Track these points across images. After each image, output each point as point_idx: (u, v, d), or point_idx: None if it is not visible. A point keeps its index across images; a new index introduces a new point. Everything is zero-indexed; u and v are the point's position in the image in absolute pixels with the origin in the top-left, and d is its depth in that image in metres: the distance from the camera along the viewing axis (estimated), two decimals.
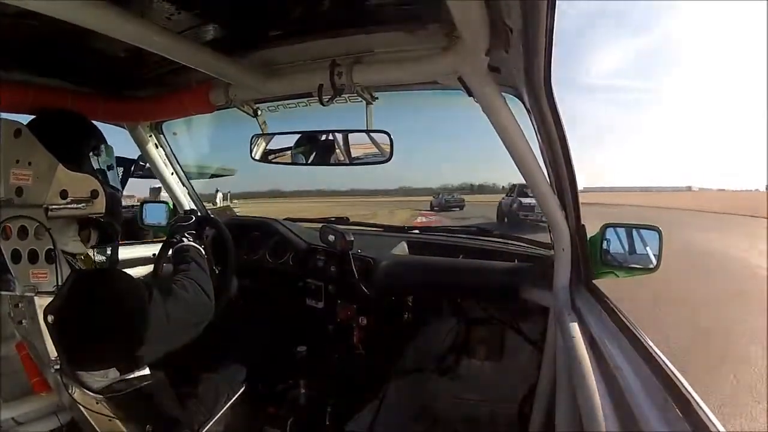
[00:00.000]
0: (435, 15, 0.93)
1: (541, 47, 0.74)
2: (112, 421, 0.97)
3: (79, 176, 0.95)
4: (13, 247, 0.87)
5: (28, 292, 0.89)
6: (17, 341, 1.07)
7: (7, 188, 0.86)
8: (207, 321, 1.11)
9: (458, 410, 1.72)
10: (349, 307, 1.43)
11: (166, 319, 0.99)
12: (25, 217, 0.88)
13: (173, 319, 1.01)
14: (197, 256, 1.26)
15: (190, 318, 1.08)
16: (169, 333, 1.02)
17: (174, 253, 1.29)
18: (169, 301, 1.01)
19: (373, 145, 1.29)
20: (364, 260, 1.41)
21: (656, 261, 1.18)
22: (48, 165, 0.90)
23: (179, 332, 1.04)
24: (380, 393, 1.55)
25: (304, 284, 1.53)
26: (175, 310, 1.02)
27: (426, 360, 1.74)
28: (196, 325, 1.08)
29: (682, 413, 0.55)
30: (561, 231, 1.18)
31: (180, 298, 1.05)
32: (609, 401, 0.71)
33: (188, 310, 1.07)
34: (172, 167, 1.79)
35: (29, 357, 1.01)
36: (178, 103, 1.41)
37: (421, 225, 9.67)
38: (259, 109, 1.37)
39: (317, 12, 1.00)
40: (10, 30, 0.95)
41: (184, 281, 1.11)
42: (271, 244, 1.68)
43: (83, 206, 0.96)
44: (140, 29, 0.88)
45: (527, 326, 1.55)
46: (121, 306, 0.93)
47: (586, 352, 0.89)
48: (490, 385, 1.70)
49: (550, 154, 1.10)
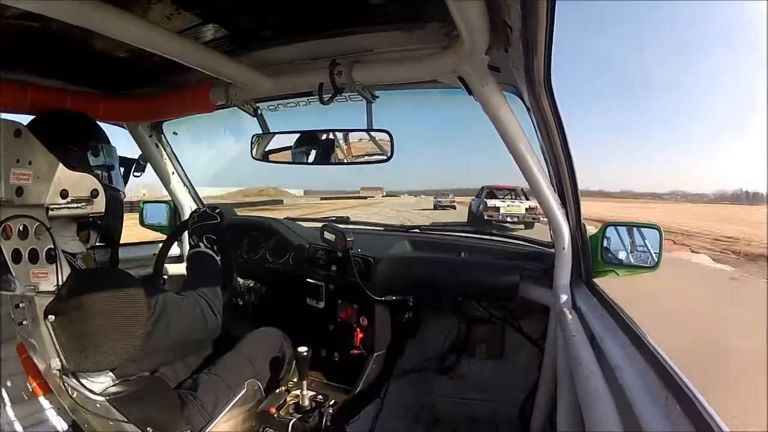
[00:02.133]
0: (435, 14, 0.93)
1: (541, 46, 0.74)
2: (113, 423, 0.97)
3: (79, 176, 0.95)
4: (14, 246, 0.87)
5: (29, 292, 0.88)
6: (18, 343, 1.07)
7: (8, 188, 0.86)
8: (213, 338, 1.11)
9: (459, 410, 1.72)
10: (349, 306, 1.43)
11: (167, 331, 0.99)
12: (26, 217, 0.88)
13: (175, 335, 1.01)
14: (213, 266, 1.22)
15: (194, 335, 1.07)
16: (168, 346, 1.02)
17: (190, 256, 1.26)
18: (174, 319, 1.01)
19: (373, 144, 1.29)
20: (364, 260, 1.41)
21: (657, 259, 1.18)
22: (48, 165, 0.90)
23: (180, 348, 1.04)
24: (380, 393, 1.55)
25: (305, 284, 1.52)
26: (179, 324, 1.02)
27: (426, 360, 1.74)
28: (200, 341, 1.08)
29: (684, 411, 0.55)
30: (561, 229, 1.18)
31: (185, 317, 1.04)
32: (610, 400, 0.70)
33: (194, 328, 1.06)
34: (172, 166, 1.79)
35: (30, 359, 1.01)
36: (179, 102, 1.41)
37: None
38: (260, 109, 1.37)
39: (317, 11, 1.00)
40: (10, 30, 0.95)
41: (196, 298, 1.09)
42: (272, 244, 1.68)
43: (83, 206, 0.96)
44: (140, 29, 0.88)
45: (528, 325, 1.55)
46: (122, 306, 0.92)
47: (586, 350, 0.89)
48: (491, 384, 1.70)
49: (551, 153, 1.10)
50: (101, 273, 1.09)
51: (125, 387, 0.97)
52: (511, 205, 12.65)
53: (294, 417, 1.26)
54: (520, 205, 12.56)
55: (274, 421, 1.25)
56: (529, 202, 12.33)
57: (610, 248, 1.21)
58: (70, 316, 0.89)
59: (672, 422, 0.56)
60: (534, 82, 0.89)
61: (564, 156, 1.08)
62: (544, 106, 0.96)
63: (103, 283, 0.96)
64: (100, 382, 0.95)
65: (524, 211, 12.35)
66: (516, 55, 0.85)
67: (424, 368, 1.74)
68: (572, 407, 0.98)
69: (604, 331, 0.90)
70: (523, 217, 12.30)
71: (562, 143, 1.05)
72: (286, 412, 1.30)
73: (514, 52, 0.85)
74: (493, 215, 12.34)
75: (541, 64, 0.81)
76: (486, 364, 1.72)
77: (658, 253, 1.18)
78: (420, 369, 1.74)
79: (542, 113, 0.99)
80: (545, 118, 1.00)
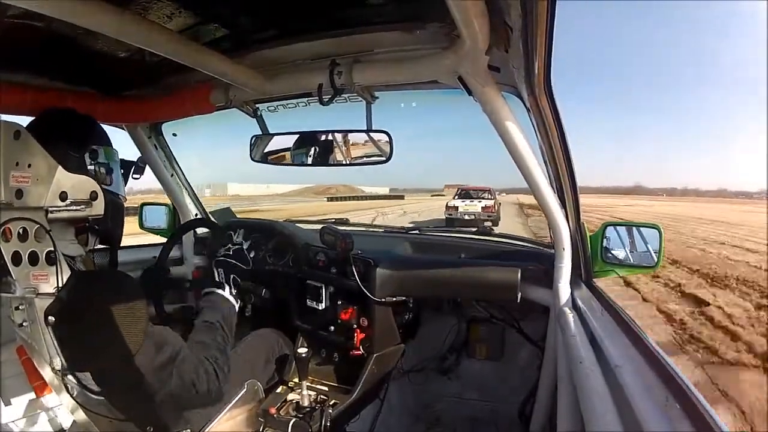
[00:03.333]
0: (435, 15, 0.93)
1: (541, 46, 0.74)
2: (113, 422, 0.97)
3: (79, 178, 0.95)
4: (14, 249, 0.87)
5: (29, 294, 0.88)
6: (18, 345, 1.07)
7: (7, 191, 0.86)
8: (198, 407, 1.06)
9: (459, 410, 1.72)
10: (349, 307, 1.43)
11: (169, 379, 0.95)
12: (26, 219, 0.88)
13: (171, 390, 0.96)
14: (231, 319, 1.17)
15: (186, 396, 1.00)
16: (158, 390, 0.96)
17: (210, 296, 1.22)
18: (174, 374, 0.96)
19: (372, 145, 1.29)
20: (364, 261, 1.41)
21: (656, 258, 1.18)
22: (47, 167, 0.90)
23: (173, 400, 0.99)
24: (380, 393, 1.55)
25: (305, 285, 1.52)
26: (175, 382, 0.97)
27: (426, 360, 1.74)
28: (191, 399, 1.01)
29: (684, 411, 0.55)
30: (561, 229, 1.18)
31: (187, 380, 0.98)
32: (610, 400, 0.71)
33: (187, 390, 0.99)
34: (171, 168, 1.79)
35: (30, 361, 1.01)
36: (178, 103, 1.41)
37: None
38: (259, 110, 1.37)
39: (317, 12, 1.00)
40: (10, 31, 0.95)
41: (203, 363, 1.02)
42: (271, 246, 1.68)
43: (82, 208, 0.96)
44: (140, 29, 0.88)
45: (528, 325, 1.55)
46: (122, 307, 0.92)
47: (587, 350, 0.89)
48: (491, 384, 1.70)
49: (550, 153, 1.11)
50: (101, 275, 1.09)
51: (125, 387, 0.97)
52: (468, 205, 14.35)
53: (294, 417, 1.26)
54: (477, 204, 14.28)
55: (274, 421, 1.25)
56: (486, 201, 14.34)
57: (610, 248, 1.21)
58: (69, 317, 0.89)
59: (672, 422, 0.56)
60: (534, 83, 0.89)
61: (564, 156, 1.08)
62: (543, 107, 0.96)
63: (102, 284, 0.96)
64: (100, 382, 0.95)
65: (480, 210, 14.01)
66: (516, 55, 0.85)
67: (424, 368, 1.74)
68: (572, 407, 0.98)
69: (604, 331, 0.91)
70: (479, 215, 13.85)
71: (562, 144, 1.05)
72: (286, 412, 1.30)
73: (514, 52, 0.85)
74: (452, 213, 14.19)
75: (541, 64, 0.81)
76: (486, 364, 1.72)
77: (658, 252, 1.18)
78: (420, 369, 1.74)
79: (542, 114, 0.99)
80: (545, 119, 1.00)
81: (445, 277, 1.40)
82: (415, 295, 1.47)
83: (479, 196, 15.07)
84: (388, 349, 1.45)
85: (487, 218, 13.78)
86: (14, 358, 1.12)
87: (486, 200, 14.56)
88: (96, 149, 1.04)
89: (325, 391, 1.42)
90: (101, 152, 1.05)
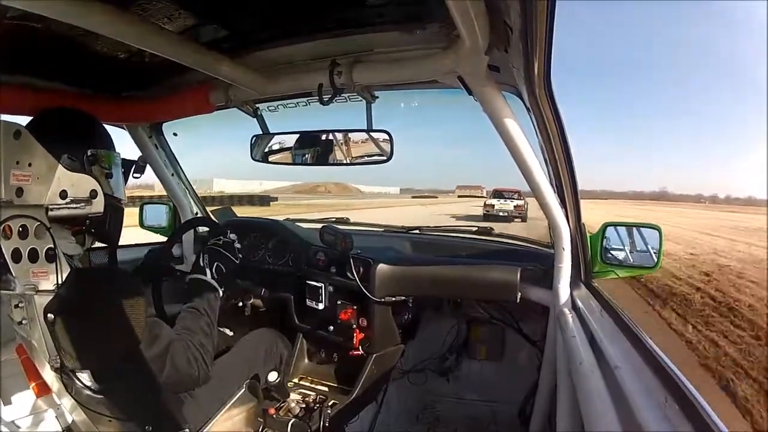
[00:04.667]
0: (435, 15, 0.93)
1: (541, 46, 0.74)
2: (112, 422, 0.97)
3: (78, 176, 0.95)
4: (14, 246, 0.87)
5: (29, 291, 0.89)
6: (17, 344, 1.07)
7: (8, 189, 0.86)
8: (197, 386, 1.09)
9: (459, 410, 1.72)
10: (349, 307, 1.43)
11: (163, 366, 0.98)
12: (26, 217, 0.88)
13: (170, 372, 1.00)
14: (213, 304, 1.19)
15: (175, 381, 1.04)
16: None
17: (192, 283, 1.24)
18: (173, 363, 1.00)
19: (373, 145, 1.29)
20: (363, 261, 1.41)
21: (656, 259, 1.18)
22: (47, 166, 0.90)
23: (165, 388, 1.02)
24: (380, 394, 1.55)
25: (304, 285, 1.52)
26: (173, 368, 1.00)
27: (426, 360, 1.74)
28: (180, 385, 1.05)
29: (683, 412, 0.55)
30: (561, 230, 1.18)
31: (179, 368, 1.02)
32: (609, 400, 0.70)
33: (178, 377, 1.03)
34: (172, 168, 1.79)
35: (29, 360, 1.01)
36: (178, 103, 1.41)
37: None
38: (259, 110, 1.37)
39: (317, 12, 1.00)
40: (10, 32, 0.95)
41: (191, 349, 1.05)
42: (271, 245, 1.67)
43: (82, 206, 0.96)
44: (140, 30, 0.89)
45: (528, 326, 1.55)
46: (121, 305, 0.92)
47: (586, 351, 0.89)
48: (491, 384, 1.70)
49: (551, 153, 1.10)
50: (101, 272, 1.10)
51: (124, 386, 0.97)
52: (503, 203, 18.02)
53: (293, 417, 1.26)
54: (509, 203, 17.82)
55: (273, 421, 1.25)
56: (517, 201, 17.65)
57: (609, 248, 1.21)
58: (69, 314, 0.89)
59: (671, 422, 0.56)
60: (534, 82, 0.89)
61: (564, 156, 1.08)
62: (543, 107, 0.96)
63: (102, 282, 0.96)
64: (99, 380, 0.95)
65: (512, 208, 17.58)
66: (516, 55, 0.85)
67: (424, 369, 1.74)
68: (572, 407, 0.98)
69: (603, 332, 0.90)
70: (511, 212, 17.44)
71: (562, 143, 1.05)
72: (286, 412, 1.30)
73: (514, 52, 0.85)
74: (489, 210, 18.06)
75: (541, 64, 0.81)
76: (486, 364, 1.72)
77: (657, 253, 1.18)
78: (420, 369, 1.74)
79: (542, 113, 0.99)
80: (545, 119, 1.00)
81: (444, 276, 1.40)
82: (414, 294, 1.47)
83: (511, 197, 18.25)
84: (388, 350, 1.45)
85: (518, 215, 17.05)
86: (14, 358, 1.12)
87: (516, 200, 17.75)
88: (96, 153, 1.02)
89: (324, 391, 1.42)
90: (100, 155, 1.04)
